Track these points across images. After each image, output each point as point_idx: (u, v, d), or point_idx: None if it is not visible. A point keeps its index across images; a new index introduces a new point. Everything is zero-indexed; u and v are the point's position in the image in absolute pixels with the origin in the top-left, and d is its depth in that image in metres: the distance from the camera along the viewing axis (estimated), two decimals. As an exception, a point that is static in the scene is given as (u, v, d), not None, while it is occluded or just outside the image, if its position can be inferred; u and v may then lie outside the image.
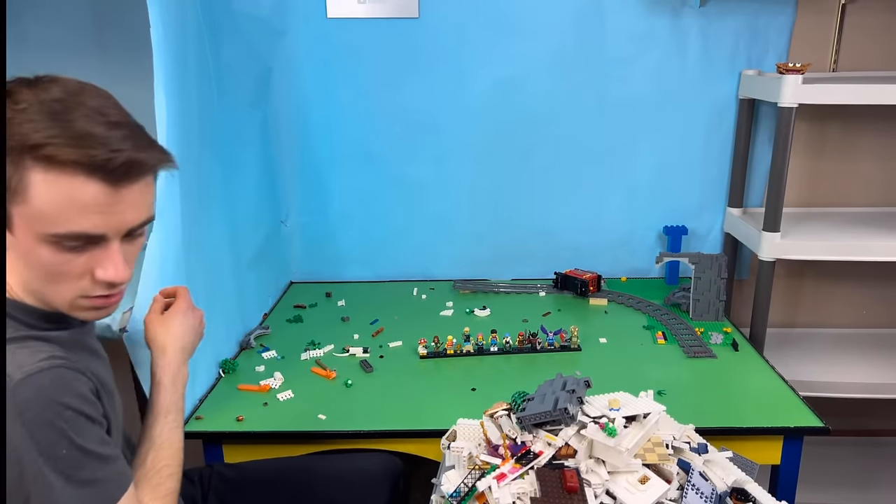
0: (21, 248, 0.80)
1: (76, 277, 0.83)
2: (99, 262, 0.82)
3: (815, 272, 2.20)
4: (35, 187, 0.76)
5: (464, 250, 2.21)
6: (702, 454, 1.04)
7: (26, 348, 0.82)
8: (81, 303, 0.85)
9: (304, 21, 1.98)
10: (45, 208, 0.77)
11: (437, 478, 1.10)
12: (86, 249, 0.81)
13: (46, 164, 0.75)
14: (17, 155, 0.75)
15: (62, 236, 0.79)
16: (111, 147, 0.77)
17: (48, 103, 0.77)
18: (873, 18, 1.97)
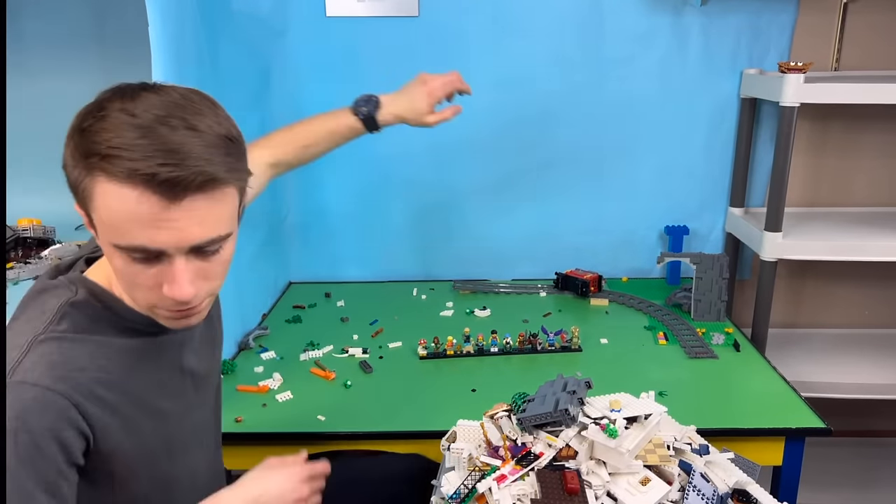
0: (105, 251, 0.82)
1: (148, 288, 0.81)
2: (165, 278, 0.79)
3: (817, 272, 2.19)
4: (99, 197, 0.75)
5: (464, 250, 2.20)
6: (703, 455, 1.03)
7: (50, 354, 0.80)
8: (159, 312, 0.85)
9: (304, 20, 1.98)
10: (107, 219, 0.76)
11: (437, 479, 1.10)
12: (154, 263, 0.78)
13: (106, 173, 0.74)
14: (85, 161, 0.75)
15: (124, 248, 0.77)
16: (175, 160, 0.73)
17: (127, 113, 0.74)
18: (875, 17, 1.97)
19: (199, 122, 0.76)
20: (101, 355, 0.85)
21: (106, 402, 0.84)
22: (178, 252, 0.78)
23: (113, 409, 0.85)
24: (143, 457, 0.90)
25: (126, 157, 0.72)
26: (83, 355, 0.83)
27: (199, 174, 0.74)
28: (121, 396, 0.86)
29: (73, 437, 0.80)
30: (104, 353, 0.85)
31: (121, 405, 0.86)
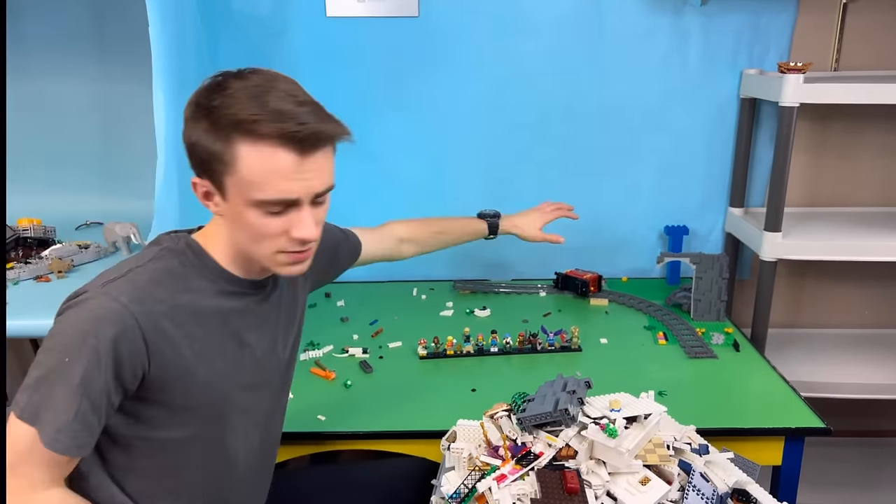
0: (232, 214, 0.96)
1: (275, 237, 0.96)
2: (293, 224, 0.95)
3: (817, 272, 2.19)
4: (242, 159, 0.90)
5: (464, 250, 2.19)
6: (703, 455, 1.03)
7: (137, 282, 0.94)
8: (280, 258, 0.98)
9: (304, 20, 1.97)
10: (250, 177, 0.90)
11: (437, 479, 1.10)
12: (283, 213, 0.94)
13: (250, 138, 0.89)
14: (226, 132, 0.89)
15: (265, 202, 0.92)
16: (299, 120, 0.89)
17: (250, 88, 0.90)
18: (875, 18, 1.97)
19: (299, 94, 0.94)
20: (181, 298, 0.97)
21: (171, 338, 0.95)
22: (306, 199, 0.95)
23: (175, 347, 0.96)
24: (185, 403, 1.00)
25: (269, 121, 0.88)
26: (165, 292, 0.96)
27: (319, 132, 0.92)
28: (185, 339, 0.97)
29: (129, 355, 0.91)
30: (184, 298, 0.98)
31: (183, 346, 0.97)
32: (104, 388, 0.91)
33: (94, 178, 2.07)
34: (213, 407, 1.03)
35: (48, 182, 2.03)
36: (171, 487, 1.04)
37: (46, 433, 0.88)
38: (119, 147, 2.06)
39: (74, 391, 0.88)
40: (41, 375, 0.90)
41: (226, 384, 1.03)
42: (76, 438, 0.90)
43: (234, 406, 1.06)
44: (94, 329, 0.89)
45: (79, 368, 0.88)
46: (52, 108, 2.05)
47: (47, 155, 2.06)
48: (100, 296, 0.92)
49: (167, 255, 1.00)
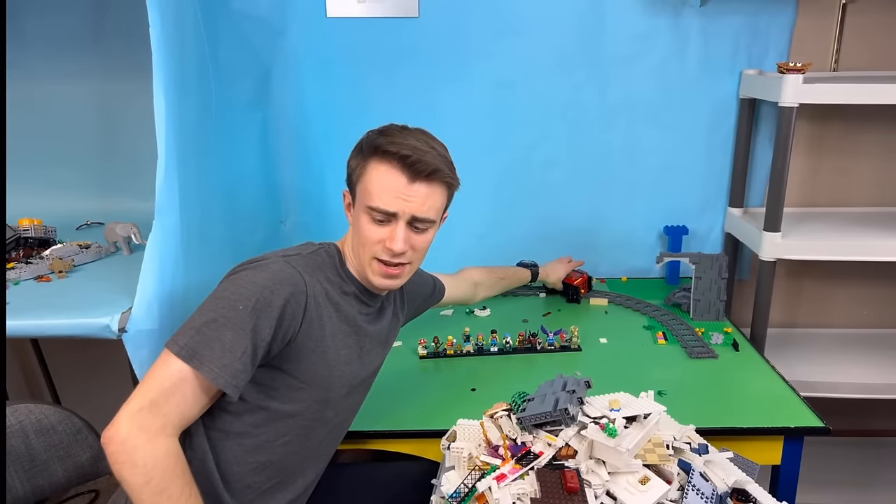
0: (354, 218, 1.20)
1: (374, 243, 1.16)
2: (389, 236, 1.15)
3: (816, 272, 2.19)
4: (369, 171, 1.15)
5: (463, 250, 2.20)
6: (702, 454, 1.04)
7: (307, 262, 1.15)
8: (374, 265, 1.18)
9: (304, 20, 1.97)
10: (370, 186, 1.14)
11: (437, 478, 1.10)
12: (384, 224, 1.15)
13: (379, 157, 1.14)
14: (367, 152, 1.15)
15: (372, 209, 1.14)
16: (416, 153, 1.12)
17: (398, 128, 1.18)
18: (874, 18, 1.97)
19: (436, 146, 1.19)
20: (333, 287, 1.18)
21: (321, 314, 1.14)
22: (403, 217, 1.15)
23: (321, 322, 1.14)
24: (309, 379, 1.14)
25: (394, 145, 1.13)
26: (325, 276, 1.17)
27: (430, 165, 1.14)
28: (328, 320, 1.15)
29: (291, 317, 1.08)
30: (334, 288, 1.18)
31: (326, 325, 1.15)
32: (268, 338, 1.04)
33: (94, 178, 2.07)
34: (324, 391, 1.17)
35: (48, 182, 2.03)
36: (258, 461, 1.14)
37: (210, 368, 0.99)
38: (119, 147, 2.06)
39: (245, 335, 1.02)
40: (209, 320, 1.02)
41: (339, 372, 1.18)
42: (236, 377, 1.02)
43: (335, 395, 1.20)
44: (273, 286, 1.06)
45: (252, 316, 1.02)
46: (52, 108, 2.05)
47: (47, 155, 2.06)
48: (280, 262, 1.10)
49: (324, 253, 1.20)
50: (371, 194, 1.14)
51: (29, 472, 1.23)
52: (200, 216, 1.53)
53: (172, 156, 1.39)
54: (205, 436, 1.10)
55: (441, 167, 1.15)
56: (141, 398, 0.97)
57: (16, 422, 1.23)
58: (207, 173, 1.58)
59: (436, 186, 1.16)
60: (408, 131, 1.18)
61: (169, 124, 1.35)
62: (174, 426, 1.00)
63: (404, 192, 1.13)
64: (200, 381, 1.01)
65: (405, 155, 1.12)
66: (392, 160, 1.13)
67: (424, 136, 1.19)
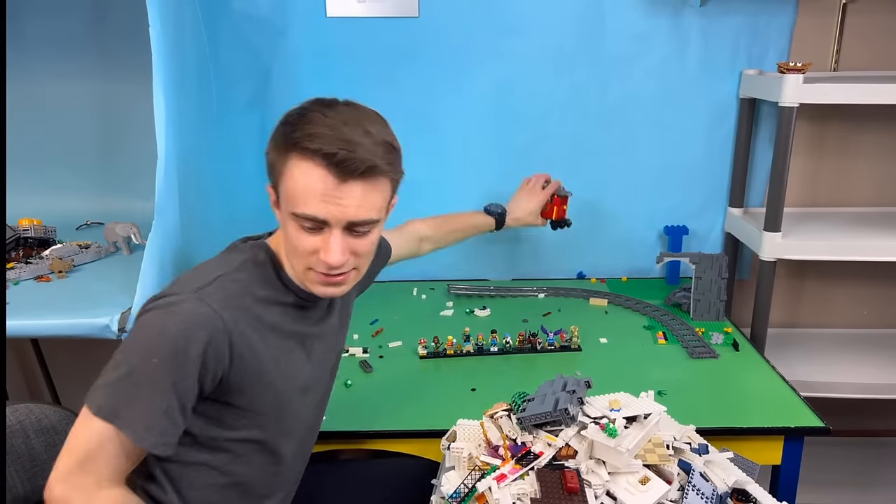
0: (282, 222, 1.01)
1: (308, 253, 0.99)
2: (323, 246, 0.98)
3: (816, 272, 2.19)
4: (290, 171, 0.96)
5: (463, 250, 2.20)
6: (702, 455, 1.03)
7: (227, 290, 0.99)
8: (310, 275, 1.03)
9: (304, 20, 1.97)
10: (292, 190, 0.96)
11: (437, 478, 1.10)
12: (317, 232, 0.98)
13: (298, 152, 0.94)
14: (286, 145, 0.96)
15: (298, 216, 0.96)
16: (346, 147, 0.93)
17: (323, 112, 0.96)
18: (874, 18, 1.97)
19: (371, 128, 0.97)
20: (262, 308, 1.03)
21: (252, 345, 1.00)
22: (337, 225, 0.97)
23: (254, 353, 1.00)
24: (256, 407, 1.04)
25: (316, 140, 0.93)
26: (250, 301, 1.01)
27: (364, 162, 0.94)
28: (263, 347, 1.02)
29: (215, 360, 0.95)
30: (264, 308, 1.03)
31: (261, 353, 1.01)
32: (193, 388, 0.95)
33: (94, 178, 2.07)
34: (277, 410, 1.07)
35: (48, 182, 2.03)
36: (224, 483, 1.07)
37: (133, 430, 0.92)
38: (119, 147, 2.06)
39: (166, 391, 0.92)
40: (124, 374, 0.93)
41: (289, 389, 1.08)
42: (164, 435, 0.94)
43: (292, 408, 1.10)
44: (187, 332, 0.93)
45: (168, 370, 0.92)
46: (52, 108, 2.05)
47: (47, 155, 2.06)
48: (193, 300, 0.95)
49: (251, 266, 1.04)
50: (295, 199, 0.95)
51: (29, 472, 1.22)
52: (200, 216, 1.53)
53: (172, 156, 1.39)
54: (162, 469, 1.03)
55: (377, 162, 0.96)
56: (68, 459, 0.92)
57: (16, 422, 1.23)
58: (207, 173, 1.58)
59: (374, 182, 0.98)
60: (334, 112, 0.96)
61: (169, 124, 1.35)
62: (110, 479, 0.93)
63: (335, 195, 0.94)
64: (126, 440, 0.93)
65: (330, 153, 0.92)
66: (314, 158, 0.93)
67: (356, 116, 0.98)
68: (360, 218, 0.97)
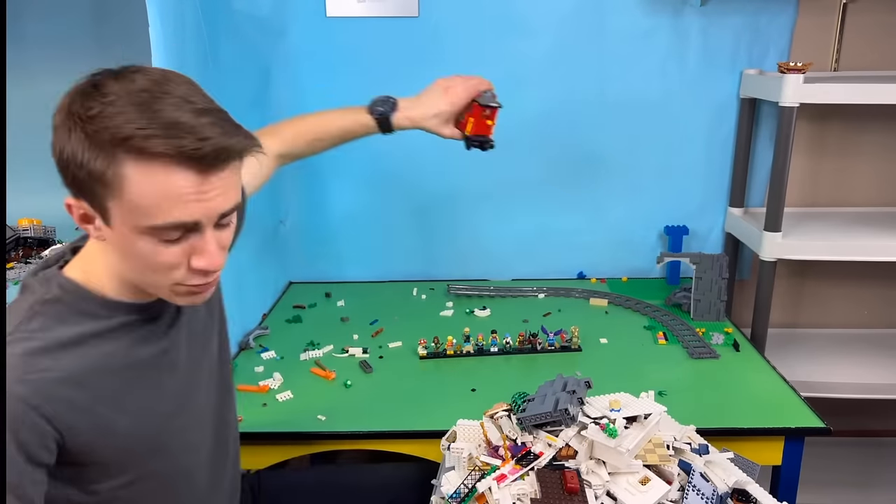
0: (118, 241, 0.82)
1: (173, 268, 0.83)
2: (194, 251, 0.83)
3: (817, 272, 2.19)
4: (129, 180, 0.77)
5: (464, 250, 2.20)
6: (703, 455, 1.03)
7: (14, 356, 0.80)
8: (178, 289, 0.87)
9: (304, 20, 1.98)
10: (140, 201, 0.77)
11: (437, 479, 1.10)
12: (181, 240, 0.82)
13: (138, 156, 0.76)
14: (110, 148, 0.76)
15: (159, 228, 0.79)
16: (199, 135, 0.76)
17: (135, 94, 0.77)
18: (874, 18, 1.97)
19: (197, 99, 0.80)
20: (70, 354, 0.83)
21: (73, 401, 0.83)
22: (209, 224, 0.82)
23: (81, 408, 0.84)
24: (118, 455, 0.89)
25: (162, 136, 0.75)
26: (49, 356, 0.82)
27: (226, 148, 0.79)
28: (90, 394, 0.85)
29: (32, 437, 0.79)
30: (73, 352, 0.84)
31: (91, 403, 0.85)
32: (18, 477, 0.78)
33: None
34: (151, 443, 0.93)
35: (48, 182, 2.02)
36: None
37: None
38: (119, 147, 2.06)
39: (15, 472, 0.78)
40: None
41: (155, 418, 0.93)
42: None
43: (173, 430, 0.96)
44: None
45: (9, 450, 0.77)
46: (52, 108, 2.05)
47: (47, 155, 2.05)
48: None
49: (42, 310, 0.84)
50: (147, 210, 0.78)
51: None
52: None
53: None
54: None
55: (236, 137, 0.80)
56: None
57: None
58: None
59: (236, 163, 0.83)
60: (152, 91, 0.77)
61: (169, 124, 1.35)
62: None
63: (200, 192, 0.79)
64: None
65: (191, 150, 0.76)
66: (167, 160, 0.76)
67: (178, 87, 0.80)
68: (229, 206, 0.83)
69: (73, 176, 0.80)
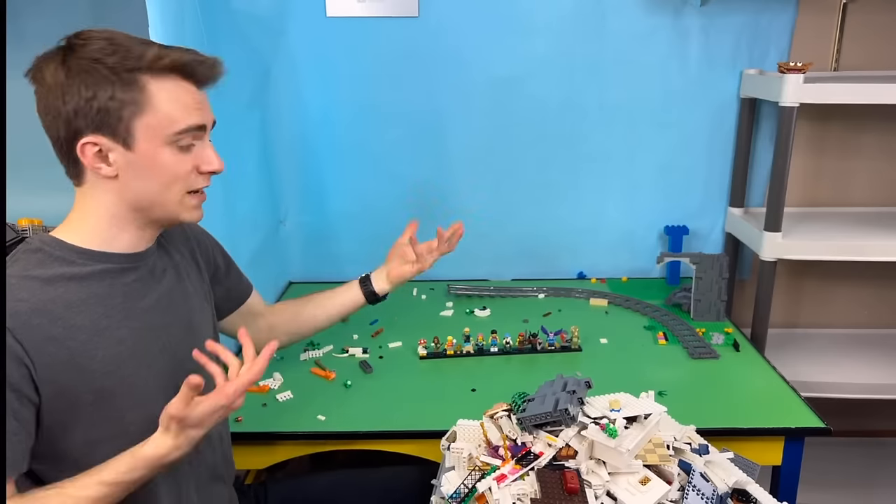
0: (141, 162, 0.95)
1: (186, 175, 0.99)
2: (200, 159, 1.00)
3: (817, 272, 2.19)
4: (154, 96, 0.93)
5: (463, 250, 2.19)
6: (703, 455, 1.03)
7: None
8: (188, 200, 1.01)
9: (304, 20, 1.97)
10: (168, 110, 0.94)
11: (437, 479, 1.10)
12: (191, 148, 0.98)
13: (157, 74, 0.93)
14: (135, 74, 0.92)
15: (181, 132, 0.96)
16: (197, 56, 0.96)
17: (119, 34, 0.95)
18: (874, 17, 1.97)
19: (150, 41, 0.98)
20: (46, 290, 0.92)
21: (46, 332, 0.90)
22: (208, 129, 1.01)
23: (54, 340, 0.91)
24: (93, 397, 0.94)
25: (167, 56, 0.93)
26: (25, 290, 0.91)
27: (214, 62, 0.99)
28: (63, 329, 0.92)
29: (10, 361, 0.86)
30: (49, 289, 0.93)
31: (63, 337, 0.92)
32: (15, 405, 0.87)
33: (94, 178, 2.07)
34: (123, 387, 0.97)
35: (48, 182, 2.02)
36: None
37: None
38: (119, 147, 2.06)
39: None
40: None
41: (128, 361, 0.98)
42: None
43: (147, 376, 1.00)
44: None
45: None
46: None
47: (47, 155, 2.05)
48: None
49: (23, 257, 0.96)
50: (171, 119, 0.95)
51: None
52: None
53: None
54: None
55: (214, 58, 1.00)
56: None
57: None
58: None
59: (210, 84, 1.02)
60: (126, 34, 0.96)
61: (168, 124, 1.35)
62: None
63: (198, 102, 0.98)
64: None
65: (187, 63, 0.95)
66: (172, 73, 0.94)
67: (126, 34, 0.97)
68: (213, 120, 1.02)
69: (100, 110, 0.92)
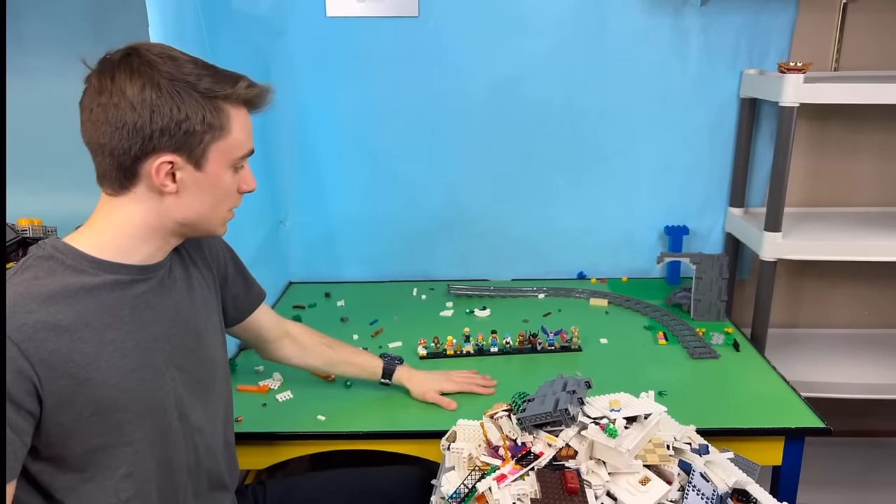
0: (204, 182, 0.99)
1: (232, 194, 1.05)
2: (242, 179, 1.05)
3: (817, 272, 2.19)
4: (234, 122, 0.99)
5: (463, 250, 2.20)
6: (703, 455, 1.03)
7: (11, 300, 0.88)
8: (227, 216, 1.08)
9: (304, 20, 1.97)
10: (239, 136, 1.01)
11: (437, 479, 1.10)
12: (239, 171, 1.04)
13: (234, 103, 0.99)
14: (221, 101, 0.97)
15: (244, 156, 1.03)
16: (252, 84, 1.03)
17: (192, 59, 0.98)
18: (875, 17, 1.97)
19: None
20: (56, 302, 0.90)
21: (53, 346, 0.88)
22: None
23: (60, 354, 0.89)
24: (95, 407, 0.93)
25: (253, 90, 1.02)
26: (35, 301, 0.89)
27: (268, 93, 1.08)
28: (70, 342, 0.90)
29: (12, 374, 0.84)
30: (59, 301, 0.90)
31: (70, 351, 0.90)
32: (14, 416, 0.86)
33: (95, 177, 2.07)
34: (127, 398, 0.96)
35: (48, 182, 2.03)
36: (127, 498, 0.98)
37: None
38: (119, 147, 2.06)
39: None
40: None
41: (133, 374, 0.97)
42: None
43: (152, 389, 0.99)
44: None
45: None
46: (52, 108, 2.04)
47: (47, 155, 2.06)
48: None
49: (35, 264, 0.93)
50: (241, 144, 1.01)
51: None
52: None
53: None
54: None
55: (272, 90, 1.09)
56: None
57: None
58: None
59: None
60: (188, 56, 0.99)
61: (168, 124, 1.35)
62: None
63: (252, 127, 1.06)
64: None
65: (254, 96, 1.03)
66: (240, 103, 1.01)
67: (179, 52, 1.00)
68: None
69: (187, 132, 0.94)
